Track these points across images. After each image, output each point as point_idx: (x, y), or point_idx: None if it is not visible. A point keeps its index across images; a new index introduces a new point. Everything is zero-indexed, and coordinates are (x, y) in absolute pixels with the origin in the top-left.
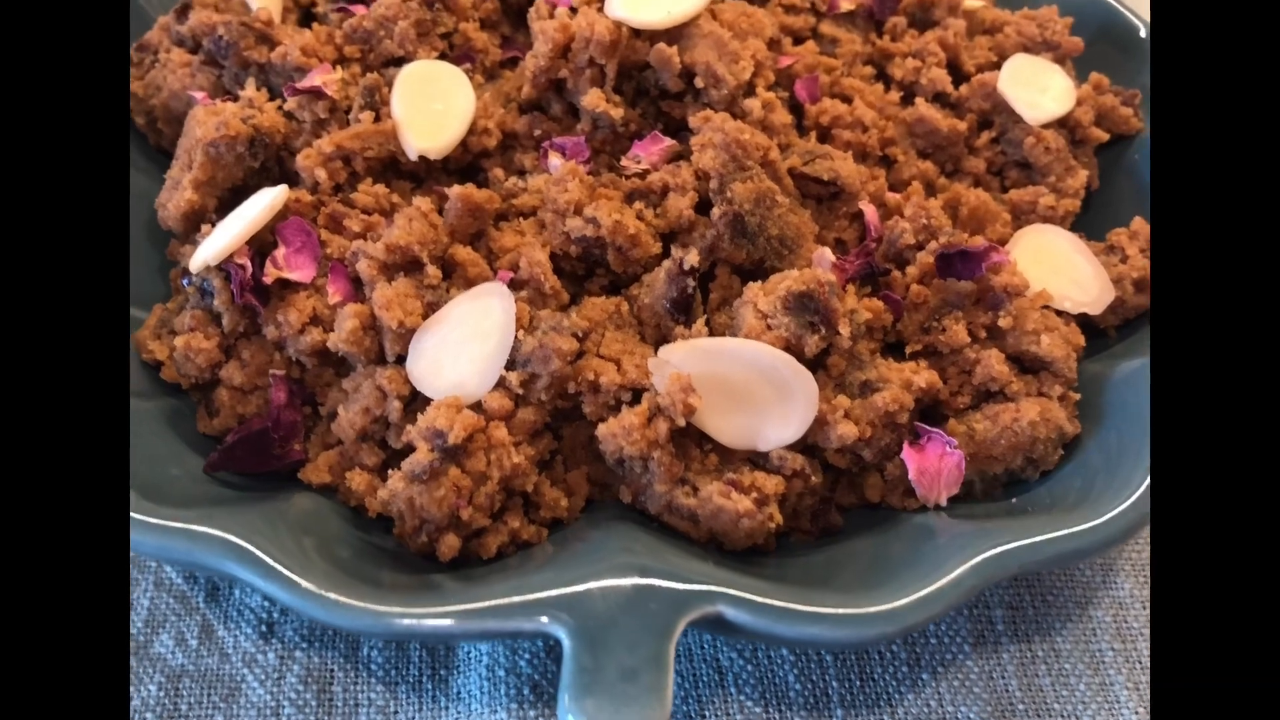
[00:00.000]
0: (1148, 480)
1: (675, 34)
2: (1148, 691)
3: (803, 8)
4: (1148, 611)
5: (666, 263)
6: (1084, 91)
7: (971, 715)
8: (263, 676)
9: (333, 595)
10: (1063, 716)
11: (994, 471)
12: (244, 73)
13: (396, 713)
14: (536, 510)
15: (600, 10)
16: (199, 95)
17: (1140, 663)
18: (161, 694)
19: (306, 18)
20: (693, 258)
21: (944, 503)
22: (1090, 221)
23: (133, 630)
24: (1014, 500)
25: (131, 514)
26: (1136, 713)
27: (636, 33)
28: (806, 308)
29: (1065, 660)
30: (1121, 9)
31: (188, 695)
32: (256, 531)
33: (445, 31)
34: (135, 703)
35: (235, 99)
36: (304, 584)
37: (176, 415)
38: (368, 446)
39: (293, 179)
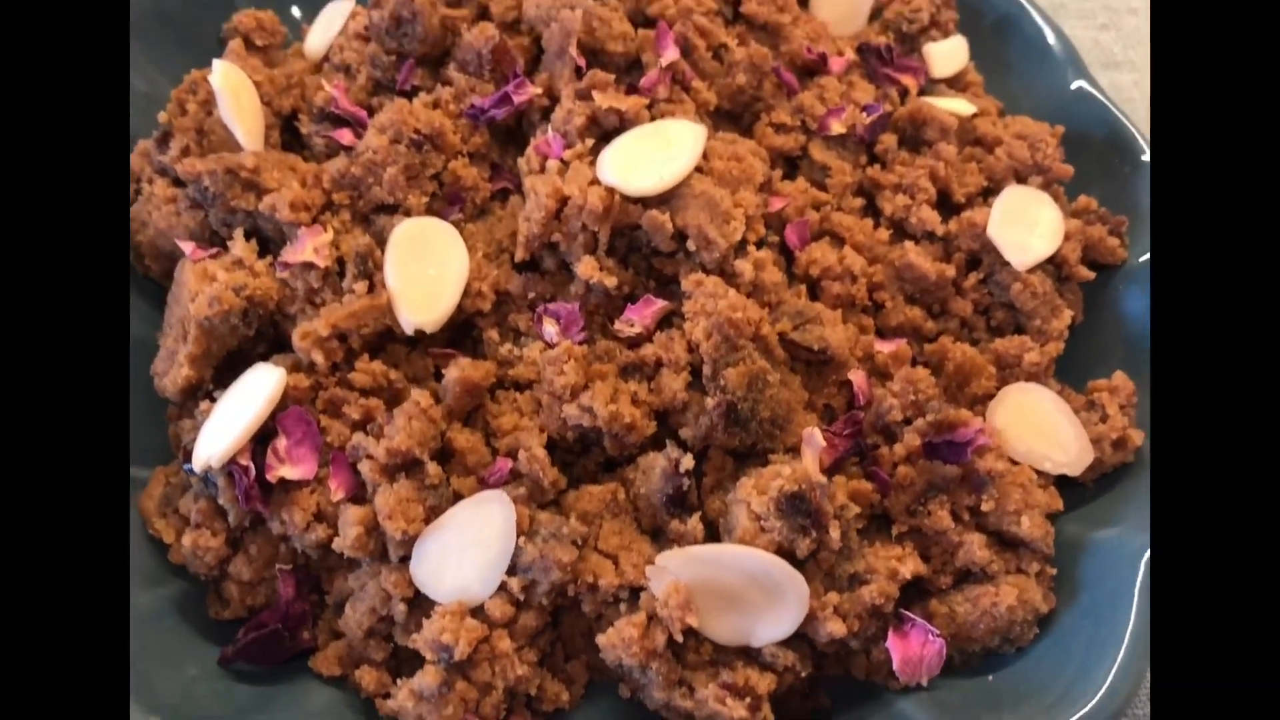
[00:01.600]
0: (1115, 669)
1: (667, 195)
2: None
3: (793, 126)
4: None
5: (662, 461)
6: (1072, 225)
7: None
8: None
9: None
10: None
11: (973, 649)
12: (231, 217)
13: None
14: (539, 703)
15: (591, 164)
16: (188, 247)
17: None
18: None
19: (289, 128)
20: (688, 462)
21: (925, 683)
22: (1072, 355)
23: None
24: (990, 679)
25: None
26: None
27: (628, 195)
28: (798, 510)
29: None
30: (1124, 121)
31: None
32: None
33: (434, 172)
34: None
35: (224, 243)
36: None
37: (187, 600)
38: (375, 641)
39: (287, 339)
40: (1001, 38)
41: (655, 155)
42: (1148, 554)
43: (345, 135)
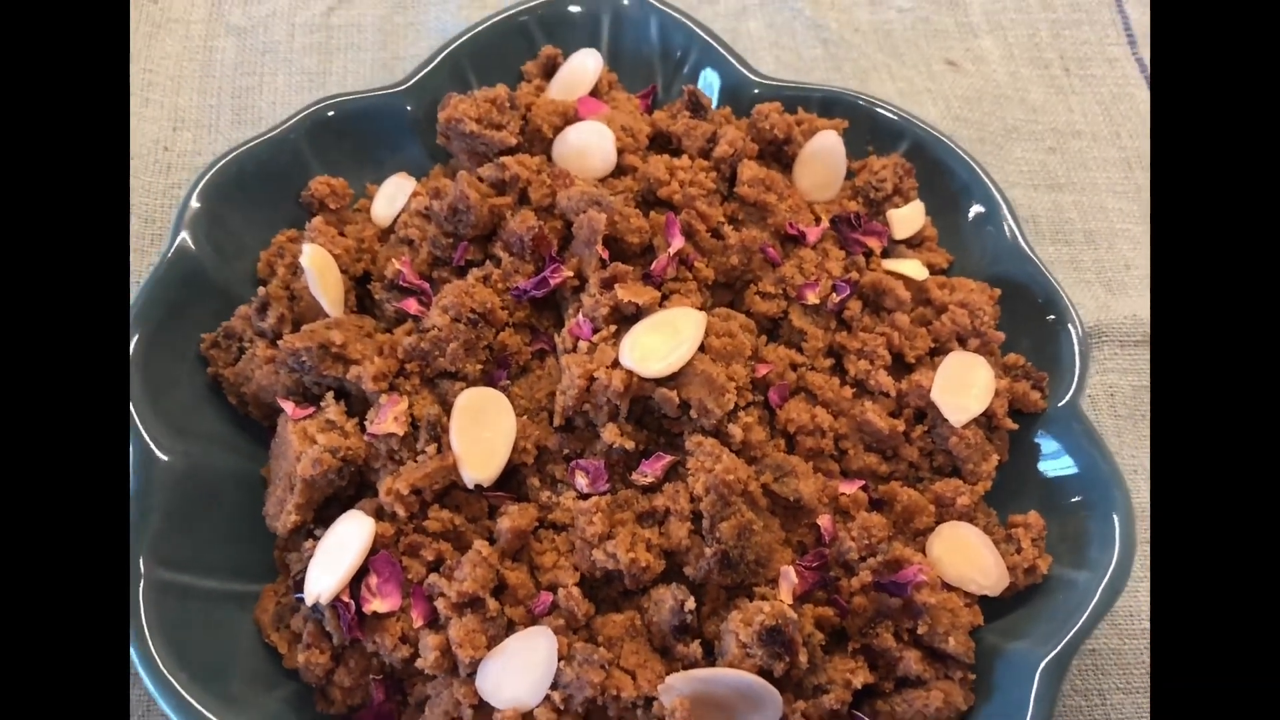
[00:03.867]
0: None
1: (674, 375)
2: None
3: (776, 294)
4: None
5: (670, 600)
6: (1002, 384)
7: None
8: None
9: None
10: None
11: None
12: (323, 380)
13: None
14: None
15: (614, 345)
16: (288, 406)
17: None
18: None
19: (361, 284)
20: (690, 604)
21: None
22: (998, 487)
23: None
24: None
25: None
26: None
27: (643, 377)
28: (775, 640)
29: None
30: (1057, 288)
31: None
32: None
33: (486, 343)
34: None
35: (316, 400)
36: None
37: (299, 699)
38: None
39: (369, 487)
40: (963, 198)
41: (665, 344)
42: (1044, 662)
43: (411, 305)
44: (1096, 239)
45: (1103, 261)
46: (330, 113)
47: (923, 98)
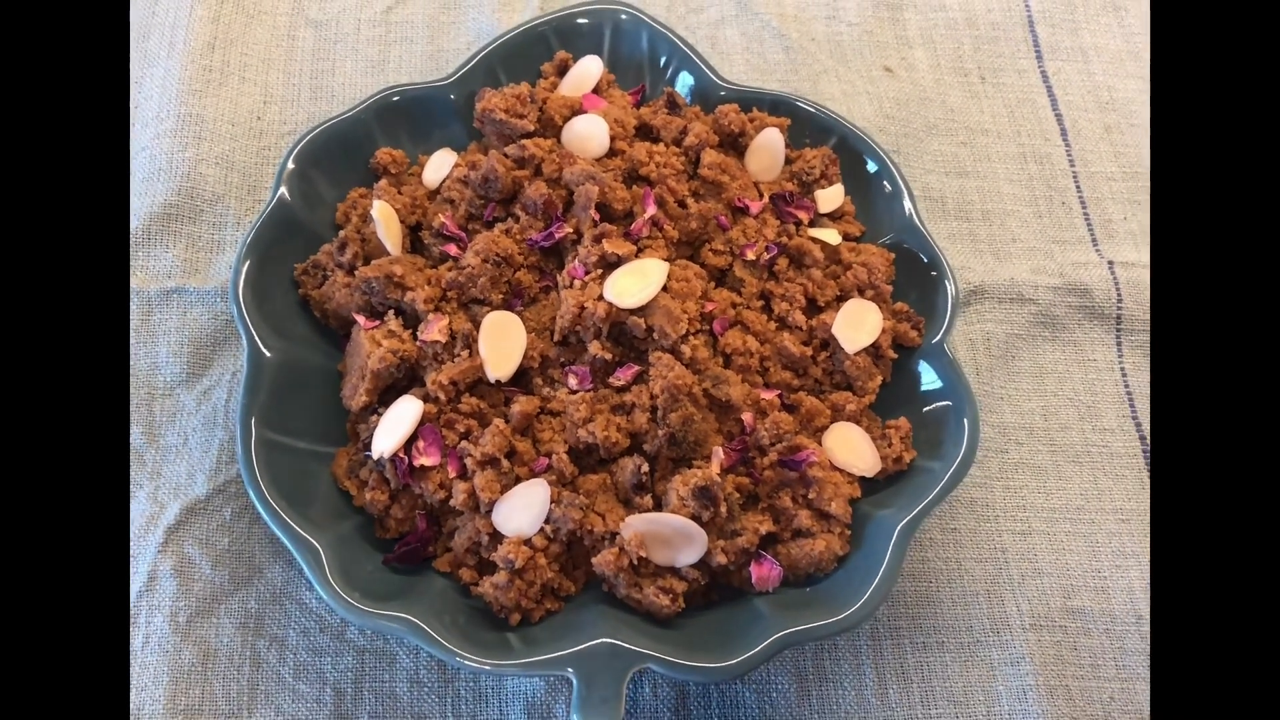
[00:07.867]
0: (871, 590)
1: (643, 307)
2: None
3: (724, 251)
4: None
5: (631, 465)
6: (888, 324)
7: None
8: None
9: (469, 658)
10: None
11: (799, 574)
12: (386, 301)
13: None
14: (559, 591)
15: (600, 284)
16: (361, 319)
17: None
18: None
19: (413, 232)
20: (645, 467)
21: (770, 591)
22: (881, 400)
23: None
24: (807, 590)
25: (354, 604)
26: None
27: (620, 308)
28: (705, 496)
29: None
30: (939, 253)
31: None
32: (423, 613)
33: (507, 279)
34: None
35: (380, 316)
36: (456, 650)
37: (364, 527)
38: (470, 555)
39: (418, 379)
40: (875, 182)
41: (637, 284)
42: (901, 524)
43: (452, 248)
44: (991, 217)
45: (994, 235)
46: (395, 98)
47: (861, 98)
